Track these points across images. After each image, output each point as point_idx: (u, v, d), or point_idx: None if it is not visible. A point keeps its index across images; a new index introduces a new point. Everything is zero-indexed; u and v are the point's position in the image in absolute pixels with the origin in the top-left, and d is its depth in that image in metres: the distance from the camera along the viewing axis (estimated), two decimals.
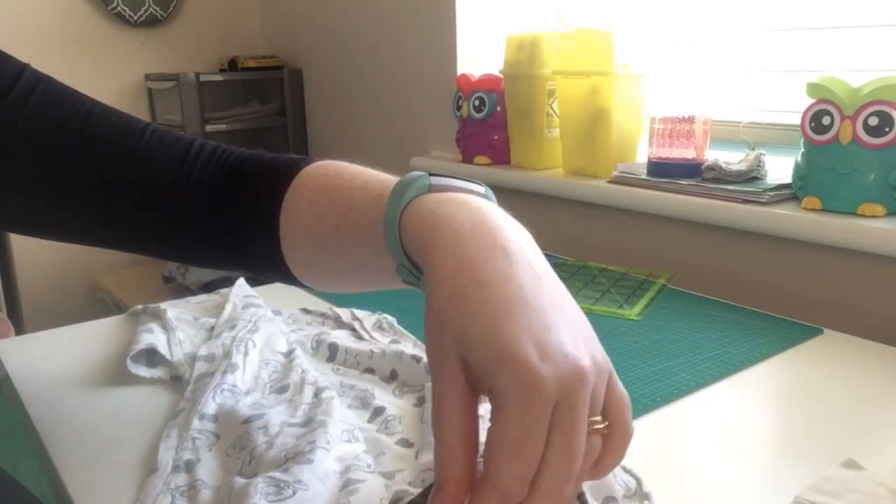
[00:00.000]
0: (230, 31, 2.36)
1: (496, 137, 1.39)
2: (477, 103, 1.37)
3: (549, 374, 0.32)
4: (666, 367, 0.71)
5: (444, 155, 1.61)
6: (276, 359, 0.70)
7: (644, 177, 1.11)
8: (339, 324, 0.81)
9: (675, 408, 0.64)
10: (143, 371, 0.69)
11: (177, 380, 0.68)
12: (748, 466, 0.55)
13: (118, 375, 0.70)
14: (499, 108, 1.37)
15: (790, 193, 0.98)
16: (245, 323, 0.75)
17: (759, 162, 1.02)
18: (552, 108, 1.29)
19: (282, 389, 0.64)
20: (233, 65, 2.19)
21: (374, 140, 1.90)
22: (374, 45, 1.81)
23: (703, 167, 1.05)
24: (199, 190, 0.53)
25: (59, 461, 0.55)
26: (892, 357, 0.75)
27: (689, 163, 1.07)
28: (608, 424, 0.35)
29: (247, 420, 0.57)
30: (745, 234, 1.01)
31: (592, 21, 1.27)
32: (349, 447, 0.53)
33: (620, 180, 1.14)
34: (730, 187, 1.00)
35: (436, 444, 0.34)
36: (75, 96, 0.52)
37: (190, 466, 0.52)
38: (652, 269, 1.04)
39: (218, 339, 0.71)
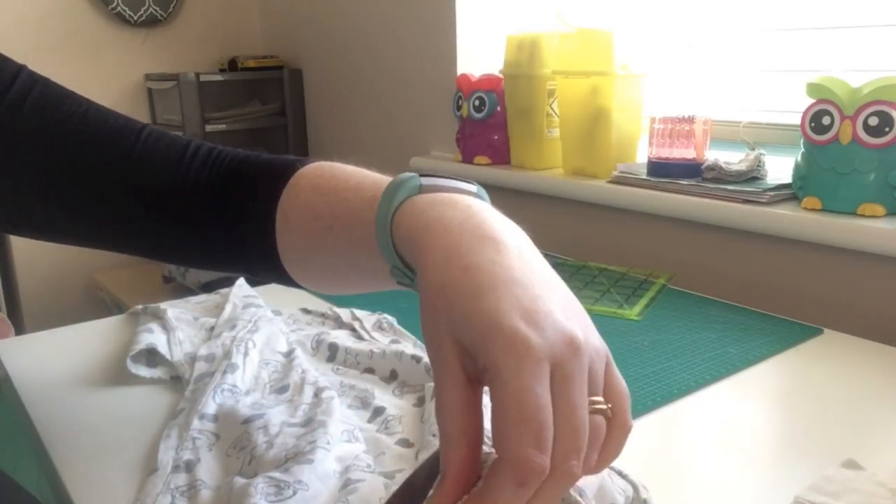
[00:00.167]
0: (230, 31, 2.36)
1: (496, 137, 1.39)
2: (477, 103, 1.37)
3: (537, 338, 0.31)
4: (666, 367, 0.71)
5: (444, 155, 1.61)
6: (276, 359, 0.70)
7: (644, 177, 1.11)
8: (339, 324, 0.81)
9: (675, 408, 0.64)
10: (143, 371, 0.69)
11: (177, 380, 0.68)
12: (748, 466, 0.55)
13: (118, 375, 0.70)
14: (499, 108, 1.37)
15: (790, 193, 0.98)
16: (245, 323, 0.75)
17: (759, 162, 1.02)
18: (552, 108, 1.29)
19: (282, 389, 0.64)
20: (233, 65, 2.19)
21: (374, 140, 1.90)
22: (374, 45, 1.81)
23: (703, 167, 1.05)
24: (196, 191, 0.53)
25: (59, 461, 0.55)
26: (892, 357, 0.75)
27: (689, 163, 1.07)
28: (611, 408, 0.34)
29: (247, 420, 0.57)
30: (745, 234, 1.01)
31: (592, 21, 1.27)
32: (349, 447, 0.53)
33: (620, 180, 1.14)
34: (730, 187, 1.00)
35: (439, 435, 0.33)
36: (72, 98, 0.52)
37: (190, 466, 0.52)
38: (652, 269, 1.04)
39: (218, 339, 0.72)
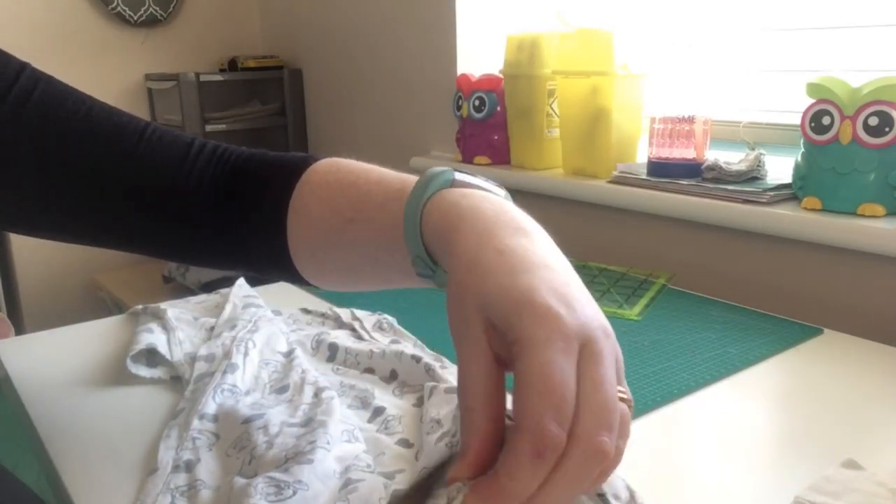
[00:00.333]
0: (230, 31, 2.36)
1: (496, 137, 1.39)
2: (477, 103, 1.37)
3: (568, 315, 0.32)
4: (666, 367, 0.71)
5: (444, 155, 1.61)
6: (276, 359, 0.70)
7: (644, 177, 1.11)
8: (339, 324, 0.81)
9: (675, 408, 0.64)
10: (143, 371, 0.69)
11: (177, 380, 0.68)
12: (748, 466, 0.55)
13: (118, 375, 0.70)
14: (499, 108, 1.37)
15: (790, 193, 0.98)
16: (245, 323, 0.75)
17: (759, 162, 1.02)
18: (552, 108, 1.29)
19: (282, 389, 0.64)
20: (233, 65, 2.19)
21: (374, 140, 1.90)
22: (374, 45, 1.81)
23: (703, 167, 1.05)
24: (200, 189, 0.53)
25: (59, 461, 0.55)
26: (892, 357, 0.75)
27: (689, 163, 1.07)
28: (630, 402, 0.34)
29: (247, 420, 0.57)
30: (745, 234, 1.01)
31: (592, 21, 1.27)
32: (349, 447, 0.53)
33: (620, 180, 1.14)
34: (730, 187, 1.00)
35: (460, 411, 0.33)
36: (75, 95, 0.52)
37: (190, 466, 0.52)
38: (652, 269, 1.04)
39: (218, 339, 0.71)
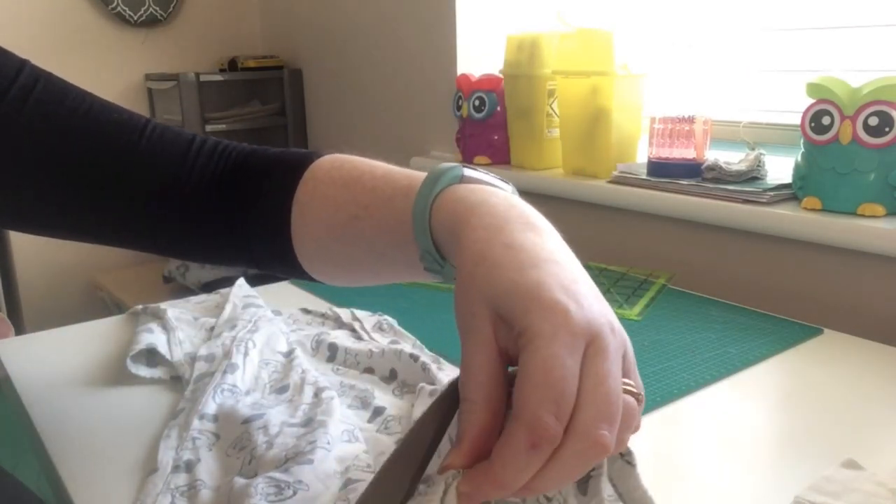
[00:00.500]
0: (230, 31, 2.36)
1: (496, 137, 1.39)
2: (477, 103, 1.37)
3: (576, 311, 0.32)
4: (666, 367, 0.71)
5: (443, 155, 1.61)
6: (276, 359, 0.70)
7: (644, 177, 1.11)
8: (339, 324, 0.81)
9: (675, 408, 0.64)
10: (143, 371, 0.69)
11: (177, 380, 0.68)
12: (748, 466, 0.55)
13: (118, 375, 0.70)
14: (499, 108, 1.37)
15: (790, 193, 0.98)
16: (245, 323, 0.75)
17: (759, 162, 1.02)
18: (552, 108, 1.29)
19: (282, 389, 0.64)
20: (233, 65, 2.19)
21: (374, 140, 1.90)
22: (374, 45, 1.81)
23: (703, 167, 1.05)
24: (201, 185, 0.53)
25: (59, 461, 0.55)
26: (892, 357, 0.75)
27: (689, 163, 1.07)
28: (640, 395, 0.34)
29: (247, 420, 0.57)
30: (745, 234, 1.01)
31: (592, 21, 1.27)
32: (349, 447, 0.53)
33: (620, 180, 1.14)
34: (730, 187, 1.00)
35: (461, 402, 0.33)
36: (75, 92, 0.52)
37: (190, 466, 0.52)
38: (652, 269, 1.04)
39: (218, 339, 0.71)
